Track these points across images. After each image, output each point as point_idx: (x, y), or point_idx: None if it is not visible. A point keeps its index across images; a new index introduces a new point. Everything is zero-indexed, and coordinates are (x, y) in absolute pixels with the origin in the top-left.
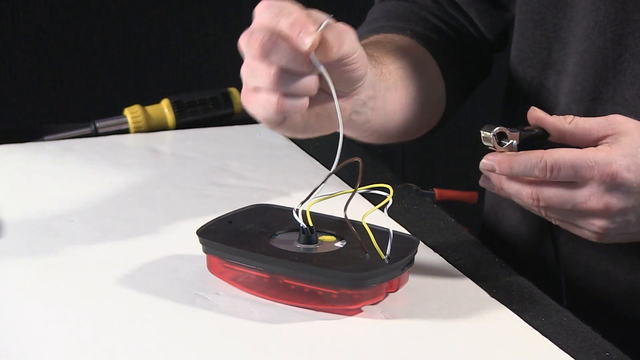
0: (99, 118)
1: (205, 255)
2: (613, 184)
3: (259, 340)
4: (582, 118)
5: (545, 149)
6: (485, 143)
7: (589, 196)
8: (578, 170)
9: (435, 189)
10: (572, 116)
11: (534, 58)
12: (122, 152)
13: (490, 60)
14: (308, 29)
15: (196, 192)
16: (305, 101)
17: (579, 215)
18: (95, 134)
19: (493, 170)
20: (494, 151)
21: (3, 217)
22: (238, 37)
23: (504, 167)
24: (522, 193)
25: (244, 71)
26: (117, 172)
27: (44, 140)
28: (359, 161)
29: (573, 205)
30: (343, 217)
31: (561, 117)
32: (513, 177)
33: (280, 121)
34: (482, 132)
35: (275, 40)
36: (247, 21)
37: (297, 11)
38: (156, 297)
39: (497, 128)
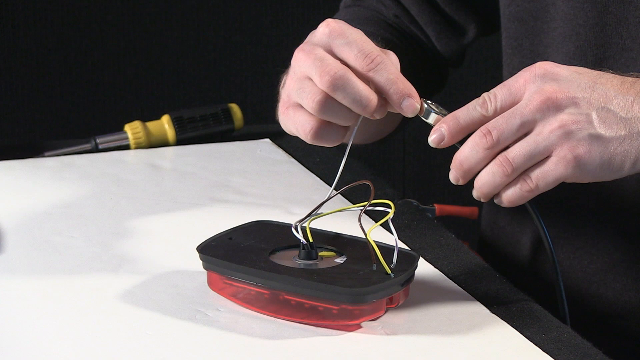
0: (99, 134)
1: (205, 271)
2: (546, 75)
3: (260, 356)
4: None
5: None
6: (424, 110)
7: (529, 97)
8: (510, 85)
9: (435, 205)
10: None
11: None
12: (123, 168)
13: (446, 74)
14: (414, 95)
15: (197, 208)
16: (339, 137)
17: (534, 130)
18: (96, 149)
19: (443, 138)
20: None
21: (4, 232)
22: (238, 53)
23: (450, 123)
24: (476, 140)
25: (292, 85)
26: (117, 188)
27: (44, 156)
28: (368, 184)
29: (521, 116)
30: (343, 233)
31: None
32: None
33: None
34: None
35: (347, 80)
36: (248, 38)
37: (389, 63)
38: (156, 313)
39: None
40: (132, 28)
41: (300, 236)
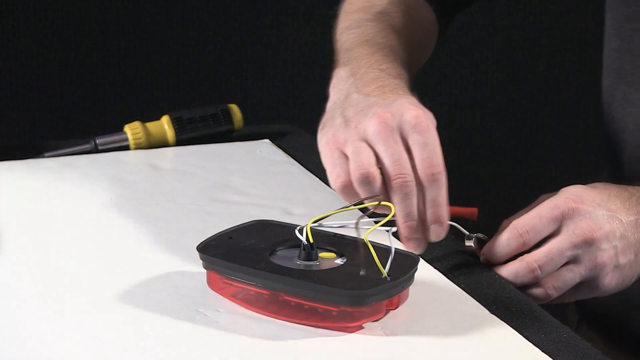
0: (99, 134)
1: (205, 271)
2: (577, 212)
3: (259, 356)
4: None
5: None
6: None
7: (571, 235)
8: (543, 217)
9: None
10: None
11: (609, 66)
12: (123, 169)
13: (451, 20)
14: (445, 225)
15: (197, 209)
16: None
17: (579, 264)
18: (96, 150)
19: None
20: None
21: (3, 233)
22: (239, 54)
23: (491, 257)
24: (521, 271)
25: (354, 137)
26: (117, 189)
27: (44, 157)
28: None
29: (566, 256)
30: (344, 234)
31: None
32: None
33: None
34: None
35: (410, 191)
36: (247, 38)
37: (443, 184)
38: (156, 313)
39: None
40: (132, 28)
41: (301, 237)
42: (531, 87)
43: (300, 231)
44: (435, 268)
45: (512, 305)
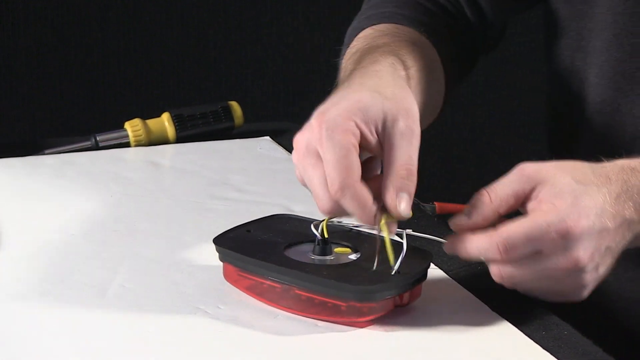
0: (99, 132)
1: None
2: (573, 238)
3: (260, 353)
4: (495, 189)
5: None
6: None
7: (556, 261)
8: (534, 241)
9: (435, 203)
10: (485, 193)
11: (559, 65)
12: (123, 166)
13: (476, 60)
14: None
15: (197, 206)
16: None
17: (556, 282)
18: (96, 147)
19: (454, 252)
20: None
21: (3, 230)
22: (238, 51)
23: (461, 251)
24: (492, 271)
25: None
26: (117, 186)
27: (44, 154)
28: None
29: (545, 274)
30: (362, 230)
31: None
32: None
33: None
34: None
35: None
36: (247, 36)
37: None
38: (157, 311)
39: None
40: (132, 26)
41: (316, 232)
42: (527, 83)
43: (317, 226)
44: (435, 265)
45: (512, 302)
